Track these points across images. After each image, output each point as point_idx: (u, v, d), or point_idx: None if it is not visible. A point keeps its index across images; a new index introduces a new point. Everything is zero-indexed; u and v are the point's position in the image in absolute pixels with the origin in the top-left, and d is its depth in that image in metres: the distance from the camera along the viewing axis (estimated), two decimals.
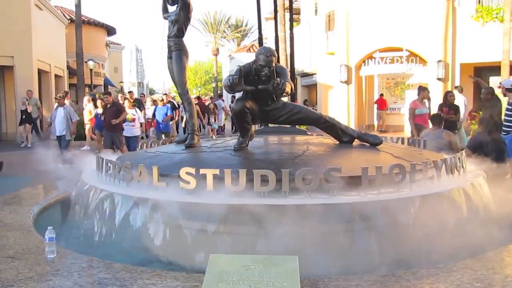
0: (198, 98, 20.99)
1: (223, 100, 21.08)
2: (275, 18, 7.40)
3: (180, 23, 4.83)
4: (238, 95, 4.35)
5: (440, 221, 3.55)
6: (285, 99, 4.55)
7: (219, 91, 37.71)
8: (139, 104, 15.03)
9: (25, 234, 3.79)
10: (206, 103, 18.69)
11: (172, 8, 5.09)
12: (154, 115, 13.43)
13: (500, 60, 14.90)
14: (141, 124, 11.69)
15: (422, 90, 9.82)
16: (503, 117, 7.92)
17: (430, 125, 8.62)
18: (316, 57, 22.81)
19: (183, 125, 15.87)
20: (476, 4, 16.80)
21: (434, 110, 10.09)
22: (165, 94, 15.07)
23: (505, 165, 6.51)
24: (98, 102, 13.43)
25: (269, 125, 5.79)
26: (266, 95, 4.12)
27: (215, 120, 17.06)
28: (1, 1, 16.48)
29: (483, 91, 8.87)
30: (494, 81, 17.24)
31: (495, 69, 15.87)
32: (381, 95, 19.24)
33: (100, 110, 12.30)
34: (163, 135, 12.13)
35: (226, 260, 2.76)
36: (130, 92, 15.31)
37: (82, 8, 19.01)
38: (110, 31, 32.61)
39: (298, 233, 3.17)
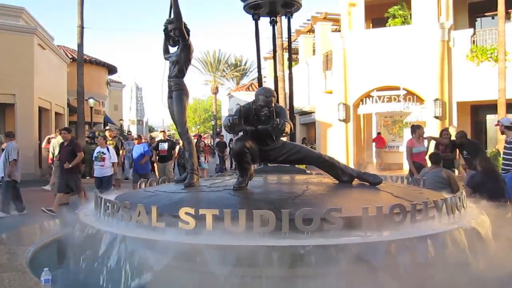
0: (199, 136, 21.00)
1: (220, 139, 21.19)
2: (274, 58, 7.53)
3: (180, 64, 4.91)
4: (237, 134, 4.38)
5: (441, 263, 3.50)
6: (284, 138, 4.58)
7: (218, 129, 37.88)
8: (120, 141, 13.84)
9: (20, 276, 3.73)
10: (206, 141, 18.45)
11: (173, 49, 5.20)
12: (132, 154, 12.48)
13: (497, 98, 15.09)
14: (113, 164, 10.65)
15: (417, 128, 9.88)
16: (502, 155, 7.98)
17: (428, 163, 8.66)
18: (315, 95, 23.08)
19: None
20: (470, 45, 17.16)
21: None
22: (163, 131, 14.37)
23: (506, 203, 6.48)
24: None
25: (268, 164, 5.79)
26: (265, 135, 4.14)
27: (205, 160, 15.47)
28: (5, 40, 16.79)
29: (457, 136, 9.05)
30: (491, 119, 17.44)
31: (491, 107, 16.05)
32: (379, 133, 19.36)
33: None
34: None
35: None
36: (107, 129, 14.02)
37: (84, 47, 19.35)
38: (111, 70, 33.10)
39: (299, 275, 3.12)
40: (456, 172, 10.32)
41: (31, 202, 9.78)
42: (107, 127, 14.00)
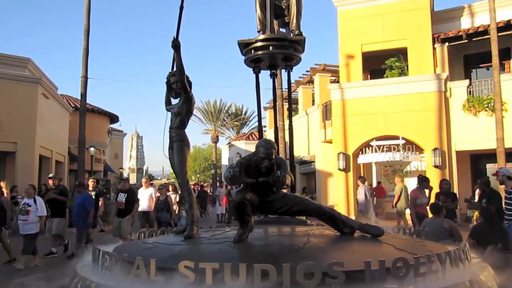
0: (201, 186, 20.76)
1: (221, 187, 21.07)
2: (274, 109, 7.66)
3: (182, 116, 4.99)
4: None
5: None
6: (284, 189, 4.58)
7: (217, 178, 37.75)
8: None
9: None
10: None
11: (175, 101, 5.30)
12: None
13: (495, 147, 15.19)
14: (40, 218, 9.23)
15: (424, 181, 9.94)
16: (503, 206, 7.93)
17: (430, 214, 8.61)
18: (314, 145, 23.20)
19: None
20: (467, 95, 17.45)
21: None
22: (123, 179, 12.74)
23: (510, 254, 6.38)
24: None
25: (269, 215, 5.75)
26: (266, 187, 4.15)
27: None
28: (10, 89, 17.08)
29: (480, 183, 8.92)
30: (490, 168, 17.44)
31: (491, 156, 16.11)
32: (379, 182, 19.28)
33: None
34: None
35: None
36: (50, 177, 11.99)
37: (87, 97, 19.62)
38: (113, 118, 33.47)
39: None
40: None
41: None
42: (50, 175, 12.50)
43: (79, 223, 10.28)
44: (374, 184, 19.60)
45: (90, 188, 12.75)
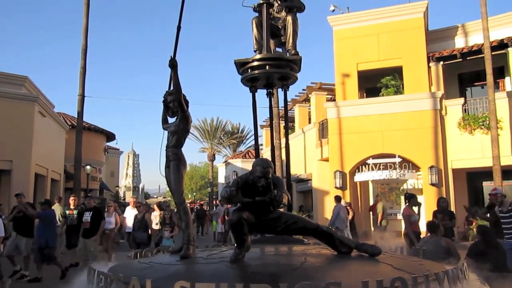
0: (201, 205, 20.39)
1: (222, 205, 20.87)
2: (271, 128, 7.64)
3: (179, 135, 4.98)
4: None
5: None
6: (281, 208, 4.56)
7: (214, 196, 37.59)
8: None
9: None
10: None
11: (172, 120, 5.30)
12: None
13: (491, 165, 15.24)
14: None
15: (412, 198, 10.00)
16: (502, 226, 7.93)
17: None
18: (311, 163, 23.21)
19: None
20: (462, 113, 17.58)
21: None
22: (88, 196, 12.10)
23: (508, 274, 6.35)
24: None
25: (265, 234, 5.72)
26: (263, 206, 4.14)
27: (171, 232, 11.26)
28: (7, 108, 17.08)
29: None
30: (487, 186, 17.49)
31: (487, 174, 16.16)
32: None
33: None
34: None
35: None
36: (18, 195, 10.91)
37: (83, 115, 19.63)
38: (109, 137, 33.43)
39: None
40: None
41: None
42: (17, 192, 11.47)
43: (46, 242, 9.62)
44: (371, 202, 19.59)
45: (72, 206, 12.06)
